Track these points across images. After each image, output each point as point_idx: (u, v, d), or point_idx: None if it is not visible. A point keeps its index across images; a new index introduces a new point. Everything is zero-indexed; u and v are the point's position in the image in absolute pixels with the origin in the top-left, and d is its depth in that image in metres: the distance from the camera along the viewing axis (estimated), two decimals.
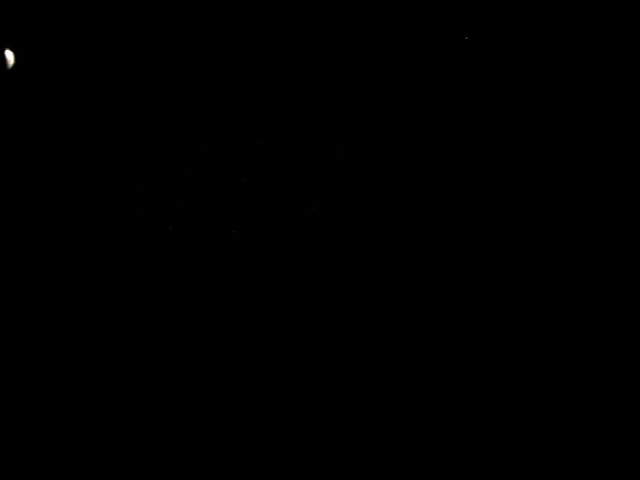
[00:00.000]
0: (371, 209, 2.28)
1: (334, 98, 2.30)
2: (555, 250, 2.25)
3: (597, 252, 2.24)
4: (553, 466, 2.03)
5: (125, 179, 2.27)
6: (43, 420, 2.06)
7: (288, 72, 2.32)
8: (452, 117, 2.30)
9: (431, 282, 2.21)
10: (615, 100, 2.28)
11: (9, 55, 2.19)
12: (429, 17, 2.29)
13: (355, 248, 2.22)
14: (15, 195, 2.21)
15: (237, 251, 2.19)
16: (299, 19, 2.30)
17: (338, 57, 2.30)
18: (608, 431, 2.07)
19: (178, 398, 2.08)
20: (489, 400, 2.12)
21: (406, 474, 2.04)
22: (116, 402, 2.09)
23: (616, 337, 2.16)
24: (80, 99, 2.27)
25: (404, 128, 2.29)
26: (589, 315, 2.18)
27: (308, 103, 2.31)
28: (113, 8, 2.27)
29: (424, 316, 2.18)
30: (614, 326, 2.17)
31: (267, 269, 2.19)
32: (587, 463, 2.03)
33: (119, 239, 2.24)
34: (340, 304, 2.19)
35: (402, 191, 2.28)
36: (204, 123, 2.32)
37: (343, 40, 2.30)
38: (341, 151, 2.29)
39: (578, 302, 2.20)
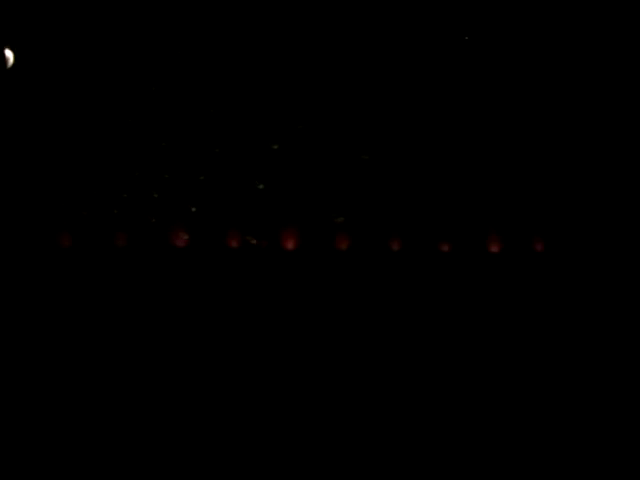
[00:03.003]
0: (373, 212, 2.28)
1: (334, 99, 2.30)
2: (556, 251, 2.25)
3: (598, 254, 2.24)
4: (553, 466, 2.04)
5: (128, 180, 2.26)
6: (43, 420, 2.05)
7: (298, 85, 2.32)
8: (452, 117, 2.29)
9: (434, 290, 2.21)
10: (615, 100, 2.28)
11: (9, 54, 2.18)
12: (429, 17, 2.29)
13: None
14: (15, 195, 2.21)
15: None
16: (299, 20, 2.30)
17: (338, 58, 2.30)
18: (608, 431, 2.07)
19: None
20: (489, 402, 2.12)
21: (406, 474, 2.04)
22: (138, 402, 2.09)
23: (616, 338, 2.17)
24: (80, 99, 2.26)
25: (404, 128, 2.29)
26: (590, 317, 2.19)
27: (306, 107, 2.31)
28: (113, 8, 2.26)
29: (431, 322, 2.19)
30: (615, 327, 2.18)
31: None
32: (587, 463, 2.03)
33: (123, 242, 2.23)
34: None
35: (402, 190, 2.28)
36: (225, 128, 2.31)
37: (343, 41, 2.29)
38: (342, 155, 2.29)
39: (579, 303, 2.20)
